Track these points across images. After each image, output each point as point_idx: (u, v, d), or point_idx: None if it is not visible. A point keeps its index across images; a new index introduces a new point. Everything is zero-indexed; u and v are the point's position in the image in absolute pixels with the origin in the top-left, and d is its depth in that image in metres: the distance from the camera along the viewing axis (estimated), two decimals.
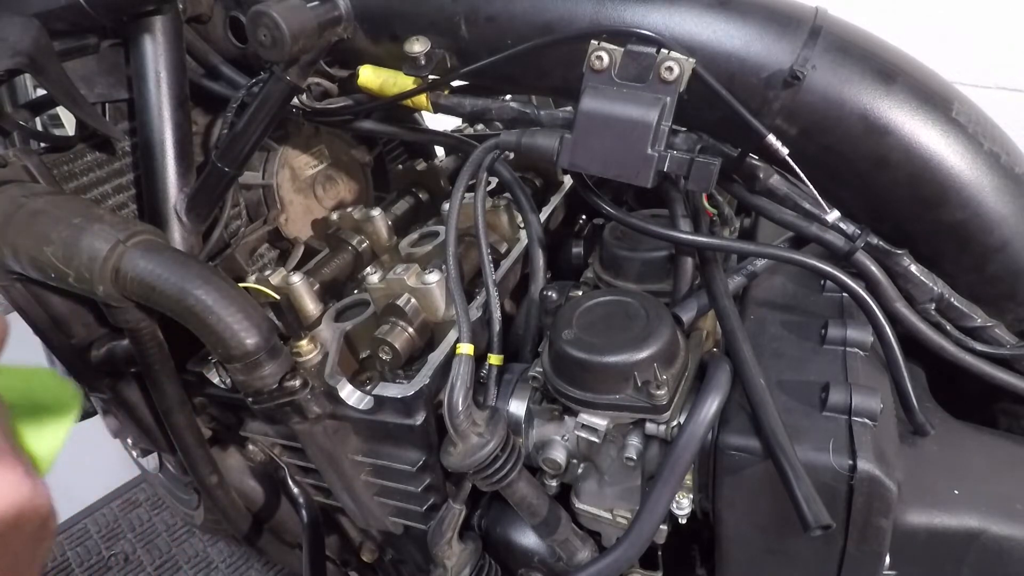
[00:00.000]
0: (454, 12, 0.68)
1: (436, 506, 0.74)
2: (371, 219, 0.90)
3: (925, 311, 0.65)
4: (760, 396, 0.57)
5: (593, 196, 0.72)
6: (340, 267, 0.89)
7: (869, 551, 0.57)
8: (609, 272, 0.83)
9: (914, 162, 0.60)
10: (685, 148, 0.65)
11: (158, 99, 0.74)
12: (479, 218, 0.73)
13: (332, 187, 1.06)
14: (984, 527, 0.56)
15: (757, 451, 0.56)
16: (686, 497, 0.62)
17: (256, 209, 0.96)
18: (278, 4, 0.64)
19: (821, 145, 0.62)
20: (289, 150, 0.98)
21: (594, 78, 0.62)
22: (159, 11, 0.72)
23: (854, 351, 0.63)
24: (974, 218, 0.61)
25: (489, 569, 0.78)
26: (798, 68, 0.59)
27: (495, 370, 0.71)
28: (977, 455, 0.62)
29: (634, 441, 0.63)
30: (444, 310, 0.74)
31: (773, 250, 0.67)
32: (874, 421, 0.56)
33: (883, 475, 0.53)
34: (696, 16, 0.61)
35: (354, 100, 0.80)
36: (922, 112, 0.59)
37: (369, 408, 0.68)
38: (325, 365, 0.70)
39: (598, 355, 0.60)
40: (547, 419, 0.70)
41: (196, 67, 0.84)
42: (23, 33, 0.62)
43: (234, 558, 1.47)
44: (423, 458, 0.70)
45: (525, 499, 0.68)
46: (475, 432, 0.64)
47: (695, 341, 0.68)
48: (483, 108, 0.74)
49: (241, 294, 0.63)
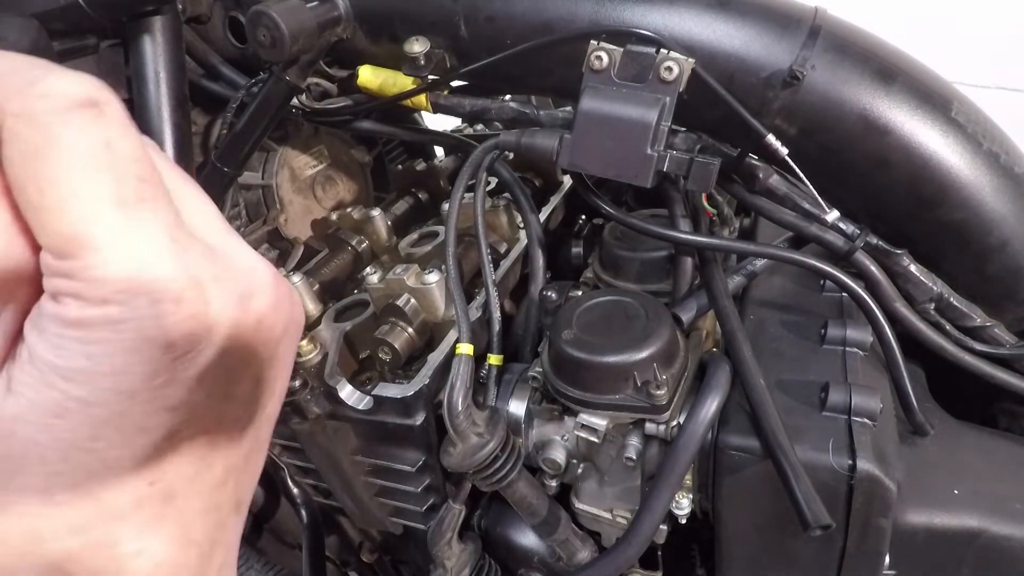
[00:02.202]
0: (454, 12, 0.68)
1: (436, 506, 0.74)
2: (371, 219, 0.90)
3: (925, 311, 0.65)
4: (760, 396, 0.57)
5: (593, 196, 0.72)
6: (340, 267, 0.89)
7: (869, 551, 0.57)
8: (609, 272, 0.83)
9: (914, 162, 0.60)
10: (685, 148, 0.65)
11: (157, 99, 0.74)
12: (479, 218, 0.73)
13: (332, 187, 1.06)
14: (984, 527, 0.56)
15: (757, 451, 0.56)
16: (686, 497, 0.62)
17: (256, 209, 0.96)
18: (278, 4, 0.64)
19: (820, 145, 0.62)
20: (289, 150, 0.98)
21: (593, 78, 0.62)
22: (158, 11, 0.72)
23: (854, 351, 0.63)
24: (973, 218, 0.61)
25: (489, 569, 0.78)
26: (797, 68, 0.59)
27: (495, 370, 0.71)
28: (977, 455, 0.62)
29: (634, 441, 0.63)
30: (444, 310, 0.74)
31: (773, 250, 0.67)
32: (874, 421, 0.56)
33: (883, 475, 0.53)
34: (695, 16, 0.61)
35: (354, 100, 0.80)
36: (922, 112, 0.59)
37: (369, 408, 0.68)
38: (325, 365, 0.70)
39: (598, 355, 0.60)
40: (547, 419, 0.70)
41: (196, 67, 0.84)
42: (22, 33, 0.62)
43: None
44: (423, 458, 0.70)
45: (525, 499, 0.68)
46: (475, 432, 0.64)
47: (695, 341, 0.68)
48: (483, 108, 0.74)
49: None
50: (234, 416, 0.26)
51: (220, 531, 0.27)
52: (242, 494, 0.29)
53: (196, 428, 0.24)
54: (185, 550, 0.25)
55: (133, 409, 0.22)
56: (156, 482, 0.24)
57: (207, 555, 0.26)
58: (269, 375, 0.27)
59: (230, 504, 0.28)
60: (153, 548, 0.24)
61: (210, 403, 0.24)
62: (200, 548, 0.26)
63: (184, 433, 0.24)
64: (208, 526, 0.26)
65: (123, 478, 0.23)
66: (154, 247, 0.21)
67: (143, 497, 0.24)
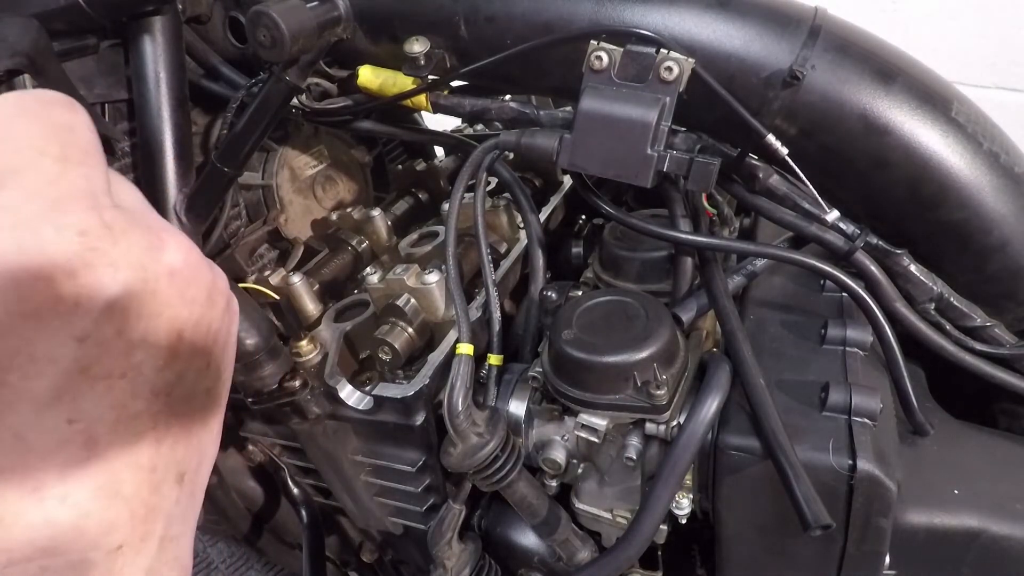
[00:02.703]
0: (454, 12, 0.68)
1: (436, 506, 0.74)
2: (371, 219, 0.90)
3: (925, 311, 0.65)
4: (760, 396, 0.57)
5: (593, 196, 0.72)
6: (340, 267, 0.89)
7: (869, 551, 0.57)
8: (609, 272, 0.83)
9: (914, 162, 0.60)
10: (685, 148, 0.65)
11: (158, 99, 0.74)
12: (479, 218, 0.73)
13: (332, 187, 1.06)
14: (984, 527, 0.56)
15: (757, 451, 0.56)
16: (686, 497, 0.62)
17: (256, 209, 0.96)
18: (278, 4, 0.64)
19: (821, 145, 0.62)
20: (289, 150, 0.98)
21: (594, 78, 0.62)
22: (159, 11, 0.72)
23: (854, 351, 0.63)
24: (973, 218, 0.61)
25: (489, 569, 0.78)
26: (797, 68, 0.59)
27: (495, 370, 0.71)
28: (977, 455, 0.63)
29: (634, 441, 0.63)
30: (444, 310, 0.74)
31: (773, 250, 0.67)
32: (874, 421, 0.56)
33: (883, 475, 0.53)
34: (695, 16, 0.61)
35: (354, 100, 0.80)
36: (921, 112, 0.59)
37: (369, 408, 0.68)
38: (325, 365, 0.70)
39: (598, 355, 0.60)
40: (547, 419, 0.70)
41: (196, 67, 0.84)
42: (22, 33, 0.62)
43: (234, 558, 1.47)
44: (423, 458, 0.70)
45: (525, 499, 0.68)
46: (475, 432, 0.64)
47: (695, 341, 0.68)
48: (483, 108, 0.74)
49: (241, 294, 0.63)
50: (156, 366, 0.26)
51: (157, 496, 0.27)
52: (184, 465, 0.29)
53: (107, 367, 0.25)
54: (114, 504, 0.25)
55: (40, 336, 0.23)
56: (74, 421, 0.24)
57: (143, 519, 0.26)
58: (193, 336, 0.28)
59: (167, 468, 0.28)
60: (78, 495, 0.24)
61: (119, 344, 0.25)
62: (131, 507, 0.26)
63: (95, 370, 0.24)
64: (140, 485, 0.26)
65: (41, 413, 0.23)
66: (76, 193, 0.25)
67: (63, 437, 0.24)
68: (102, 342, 0.24)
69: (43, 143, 0.25)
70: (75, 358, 0.24)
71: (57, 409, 0.24)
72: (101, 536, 0.25)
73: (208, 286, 0.28)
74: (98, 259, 0.24)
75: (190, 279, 0.27)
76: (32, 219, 0.23)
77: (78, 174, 0.25)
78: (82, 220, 0.24)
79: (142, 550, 0.27)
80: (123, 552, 0.26)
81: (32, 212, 0.23)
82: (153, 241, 0.26)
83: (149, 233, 0.26)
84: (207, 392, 0.30)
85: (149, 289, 0.25)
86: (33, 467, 0.23)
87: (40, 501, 0.24)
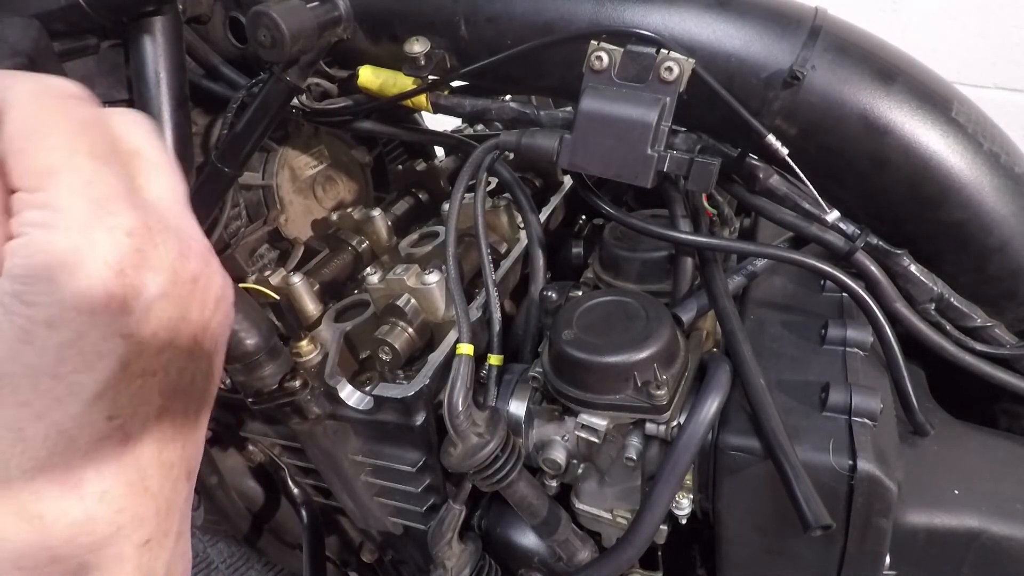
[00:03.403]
0: (454, 12, 0.68)
1: (436, 506, 0.74)
2: (371, 219, 0.90)
3: (925, 311, 0.65)
4: (760, 396, 0.57)
5: (593, 196, 0.72)
6: (340, 267, 0.89)
7: (869, 551, 0.57)
8: (609, 272, 0.83)
9: (914, 162, 0.60)
10: (685, 148, 0.65)
11: (158, 100, 0.74)
12: (479, 218, 0.73)
13: (332, 187, 1.06)
14: (984, 527, 0.56)
15: (757, 451, 0.56)
16: (686, 497, 0.62)
17: (256, 209, 0.96)
18: (278, 4, 0.64)
19: (821, 145, 0.62)
20: (289, 150, 0.98)
21: (594, 78, 0.62)
22: (159, 12, 0.72)
23: (854, 351, 0.63)
24: (974, 218, 0.61)
25: (489, 569, 0.78)
26: (798, 68, 0.59)
27: (495, 370, 0.71)
28: (977, 455, 0.62)
29: (634, 441, 0.63)
30: (444, 310, 0.74)
31: (773, 250, 0.67)
32: (874, 421, 0.56)
33: (883, 475, 0.53)
34: (696, 16, 0.61)
35: (354, 100, 0.80)
36: (922, 112, 0.59)
37: (369, 408, 0.68)
38: (325, 365, 0.70)
39: (598, 355, 0.60)
40: (547, 419, 0.70)
41: (196, 67, 0.84)
42: (23, 33, 0.62)
43: (234, 558, 1.47)
44: (423, 458, 0.70)
45: (525, 499, 0.68)
46: (475, 432, 0.64)
47: (695, 341, 0.68)
48: (483, 108, 0.74)
49: (241, 295, 0.63)
50: (178, 367, 0.28)
51: (175, 493, 0.28)
52: (192, 462, 0.30)
53: (143, 365, 0.26)
54: (143, 500, 0.26)
55: (92, 332, 0.24)
56: (114, 417, 0.25)
57: (164, 515, 0.27)
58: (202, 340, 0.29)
59: (182, 466, 0.29)
60: (115, 491, 0.25)
61: (155, 344, 0.26)
62: (157, 504, 0.27)
63: (134, 367, 0.25)
64: (163, 481, 0.27)
65: (86, 408, 0.24)
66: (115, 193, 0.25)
67: (103, 433, 0.25)
68: (141, 341, 0.25)
69: (71, 140, 0.26)
70: (119, 354, 0.25)
71: (100, 405, 0.24)
72: (133, 531, 0.26)
73: (218, 293, 0.29)
74: (143, 261, 0.25)
75: (207, 286, 0.28)
76: (82, 220, 0.24)
77: (111, 172, 0.26)
78: (127, 221, 0.25)
79: (164, 544, 0.28)
80: (150, 546, 0.27)
81: (80, 213, 0.24)
82: (183, 249, 0.27)
83: (180, 239, 0.27)
84: (205, 393, 0.31)
85: (177, 293, 0.26)
86: (75, 464, 0.24)
87: (81, 498, 0.24)
